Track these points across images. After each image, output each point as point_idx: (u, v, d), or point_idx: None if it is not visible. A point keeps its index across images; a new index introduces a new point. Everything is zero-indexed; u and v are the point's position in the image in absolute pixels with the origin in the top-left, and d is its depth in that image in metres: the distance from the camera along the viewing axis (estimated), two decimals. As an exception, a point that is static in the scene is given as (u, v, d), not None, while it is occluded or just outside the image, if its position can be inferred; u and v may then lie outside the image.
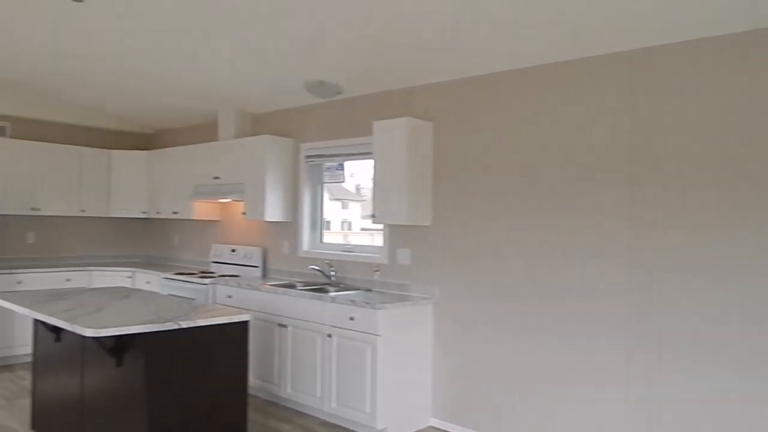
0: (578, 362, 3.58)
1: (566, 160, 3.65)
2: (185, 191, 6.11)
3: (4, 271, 5.82)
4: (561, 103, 3.69)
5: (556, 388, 3.67)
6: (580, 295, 3.57)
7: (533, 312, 3.78)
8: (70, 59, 4.94)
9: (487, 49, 3.70)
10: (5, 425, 4.29)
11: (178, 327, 3.23)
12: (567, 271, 3.64)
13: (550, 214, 3.72)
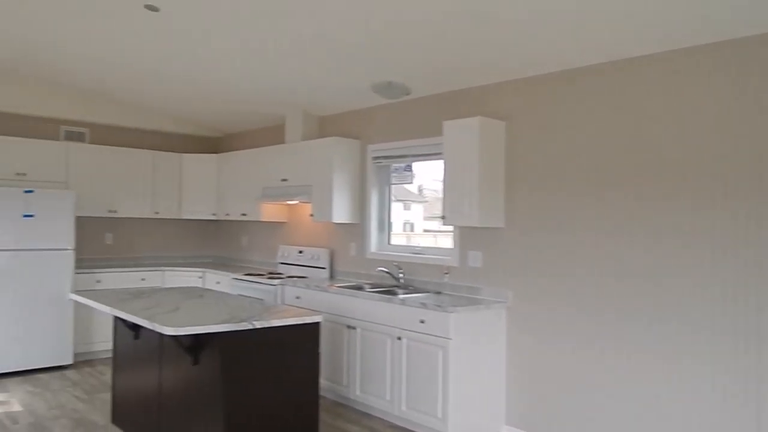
0: (665, 377, 3.40)
1: (652, 159, 3.48)
2: (253, 193, 6.22)
3: (84, 270, 6.08)
4: (646, 98, 3.52)
5: (639, 401, 3.50)
6: (668, 303, 3.40)
7: (613, 320, 3.63)
8: (144, 67, 5.11)
9: (567, 43, 3.57)
10: (87, 418, 4.46)
11: (253, 327, 3.28)
12: (653, 279, 3.47)
13: (634, 218, 3.56)
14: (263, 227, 6.68)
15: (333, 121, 5.77)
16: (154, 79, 5.45)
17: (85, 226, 6.46)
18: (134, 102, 6.48)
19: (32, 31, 4.51)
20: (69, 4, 3.89)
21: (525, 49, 3.70)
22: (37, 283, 5.63)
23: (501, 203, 4.22)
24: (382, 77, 4.58)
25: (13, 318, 5.50)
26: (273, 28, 3.93)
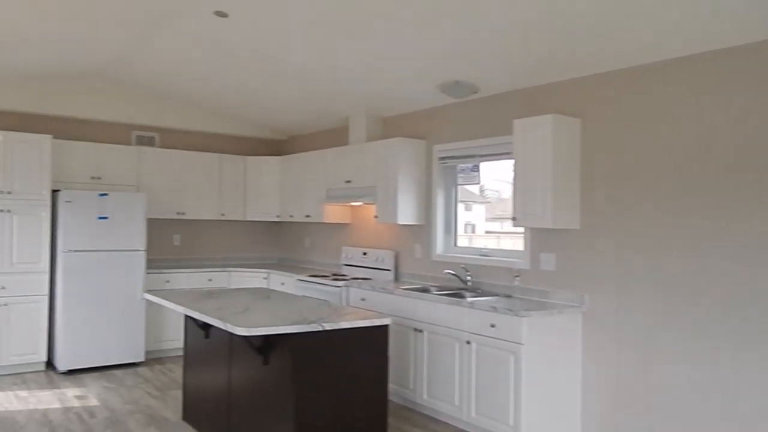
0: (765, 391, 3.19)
1: (744, 156, 3.27)
2: (317, 195, 6.25)
3: (154, 270, 6.25)
4: (737, 92, 3.31)
5: (744, 415, 3.30)
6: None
7: (699, 327, 3.43)
8: (212, 72, 5.21)
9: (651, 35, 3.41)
10: (160, 414, 4.57)
11: (322, 329, 3.28)
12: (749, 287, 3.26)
13: (727, 218, 3.36)
14: (326, 228, 6.71)
15: (397, 122, 5.73)
16: (221, 83, 5.55)
17: (154, 228, 6.65)
18: (201, 106, 6.63)
19: (107, 43, 4.67)
20: (141, 15, 3.99)
21: (604, 42, 3.55)
22: (111, 282, 5.83)
23: (576, 203, 4.07)
24: (449, 76, 4.51)
25: (90, 316, 5.71)
26: (338, 30, 3.93)
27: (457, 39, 3.80)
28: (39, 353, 5.66)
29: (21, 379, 5.41)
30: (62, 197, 5.63)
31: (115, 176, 6.24)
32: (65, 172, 5.98)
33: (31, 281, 5.62)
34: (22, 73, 5.62)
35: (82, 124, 6.32)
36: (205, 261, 7.07)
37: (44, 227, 5.68)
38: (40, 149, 5.68)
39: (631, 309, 3.78)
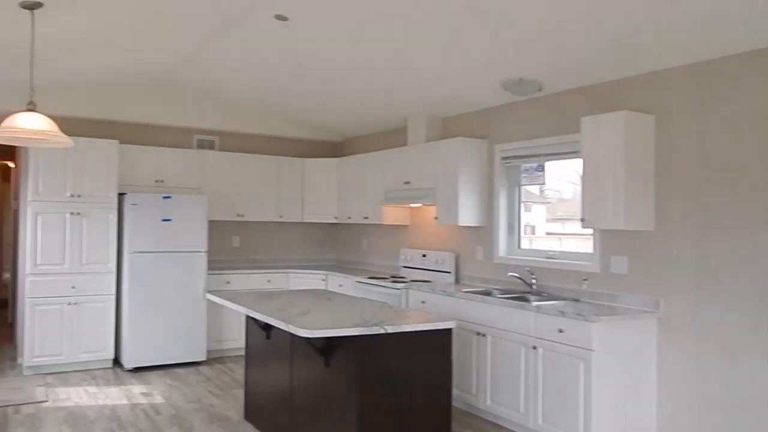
0: None
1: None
2: (375, 196, 6.22)
3: (215, 272, 6.36)
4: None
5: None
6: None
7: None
8: (271, 75, 5.25)
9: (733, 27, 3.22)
10: (222, 413, 4.63)
11: (385, 332, 3.23)
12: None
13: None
14: (385, 230, 6.67)
15: (457, 122, 5.63)
16: (280, 86, 5.60)
17: (215, 229, 6.76)
18: (260, 109, 6.71)
19: (170, 50, 4.77)
20: (202, 22, 4.05)
21: (682, 33, 3.38)
22: (174, 283, 5.95)
23: (650, 204, 3.88)
24: (512, 74, 4.40)
25: (154, 315, 5.85)
26: (397, 31, 3.88)
27: (521, 36, 3.70)
28: (107, 351, 5.84)
29: (90, 376, 5.59)
30: (128, 200, 5.79)
31: (178, 179, 6.39)
32: (130, 176, 6.15)
33: (99, 281, 5.81)
34: (90, 81, 5.81)
35: (145, 129, 6.50)
36: (264, 262, 7.15)
37: (111, 229, 5.86)
38: (108, 154, 5.86)
39: (712, 316, 3.57)
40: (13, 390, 5.09)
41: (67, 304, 5.67)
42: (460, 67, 4.41)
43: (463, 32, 3.77)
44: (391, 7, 3.54)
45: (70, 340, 5.68)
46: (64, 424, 4.33)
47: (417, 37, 3.95)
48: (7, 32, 3.91)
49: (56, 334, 5.63)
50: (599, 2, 3.13)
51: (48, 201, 5.64)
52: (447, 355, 3.46)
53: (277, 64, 4.92)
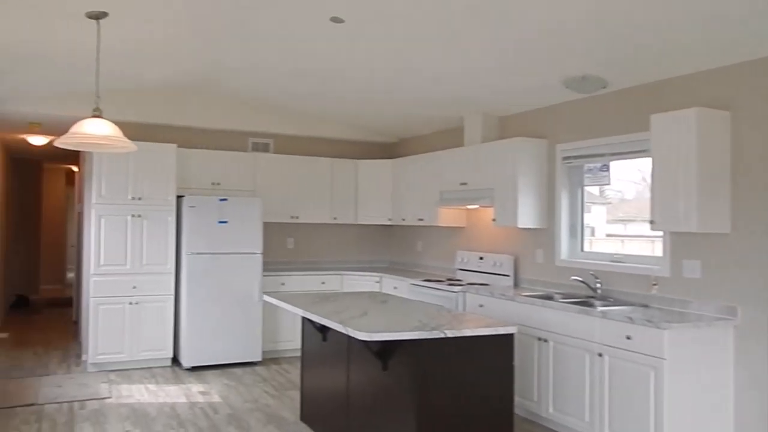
0: None
1: None
2: (430, 198, 6.13)
3: (270, 273, 6.41)
4: None
5: None
6: None
7: None
8: (325, 77, 5.25)
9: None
10: (278, 414, 4.64)
11: (444, 336, 3.16)
12: None
13: None
14: (440, 232, 6.57)
15: (515, 121, 5.50)
16: (334, 88, 5.59)
17: (269, 231, 6.82)
18: (313, 112, 6.73)
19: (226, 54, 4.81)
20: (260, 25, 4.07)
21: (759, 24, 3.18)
22: (231, 284, 6.03)
23: (726, 205, 3.67)
24: (574, 71, 4.25)
25: (211, 316, 5.93)
26: (454, 29, 3.79)
27: (583, 31, 3.56)
28: (166, 350, 5.96)
29: (150, 374, 5.72)
30: (186, 203, 5.90)
31: (233, 182, 6.48)
32: (188, 179, 6.27)
33: (158, 282, 5.93)
34: (148, 87, 5.95)
35: (202, 133, 6.61)
36: (318, 264, 7.17)
37: (170, 231, 5.99)
38: (166, 158, 6.00)
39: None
40: (79, 386, 5.24)
41: (128, 304, 5.82)
42: (518, 65, 4.29)
43: (524, 30, 3.66)
44: (448, 6, 3.46)
45: (131, 338, 5.82)
46: (127, 421, 4.43)
47: (475, 36, 3.86)
48: (74, 41, 4.02)
49: (118, 332, 5.78)
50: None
51: (110, 204, 5.80)
52: (509, 361, 3.36)
53: (331, 66, 4.91)
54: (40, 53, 4.32)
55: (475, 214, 5.99)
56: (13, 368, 5.88)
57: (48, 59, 4.50)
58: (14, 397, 4.90)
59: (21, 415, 4.52)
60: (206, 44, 4.51)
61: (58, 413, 4.57)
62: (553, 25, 3.54)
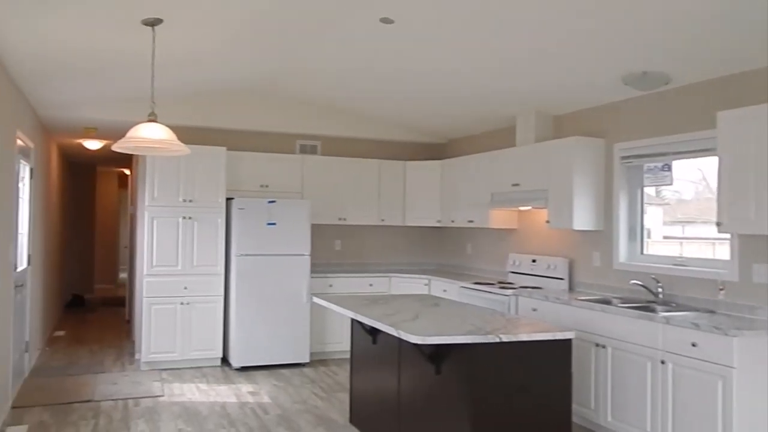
0: None
1: None
2: (481, 199, 6.03)
3: (318, 275, 6.41)
4: None
5: None
6: None
7: None
8: (374, 78, 5.22)
9: None
10: (327, 416, 4.63)
11: (499, 340, 3.08)
12: None
13: None
14: (490, 234, 6.45)
15: (570, 120, 5.35)
16: (383, 89, 5.56)
17: (317, 233, 6.83)
18: (361, 113, 6.71)
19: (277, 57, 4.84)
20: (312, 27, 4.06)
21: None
22: (279, 285, 6.06)
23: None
24: (634, 67, 4.10)
25: (260, 317, 5.97)
26: (504, 26, 3.69)
27: (644, 24, 3.42)
28: (216, 350, 6.03)
29: (201, 373, 5.79)
30: (235, 205, 5.96)
31: (281, 184, 6.51)
32: (237, 181, 6.34)
33: (208, 282, 6.01)
34: (199, 91, 6.03)
35: (251, 135, 6.68)
36: (366, 266, 7.14)
37: (220, 233, 6.06)
38: (217, 160, 6.07)
39: None
40: (133, 384, 5.35)
41: (179, 304, 5.91)
42: (573, 61, 4.16)
43: (580, 23, 3.53)
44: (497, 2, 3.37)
45: (182, 338, 5.91)
46: (179, 419, 4.49)
47: (528, 32, 3.76)
48: (129, 48, 4.10)
49: (170, 332, 5.88)
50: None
51: (163, 206, 5.91)
52: (566, 368, 3.26)
53: (378, 67, 4.88)
54: (97, 60, 4.42)
55: (528, 216, 5.85)
56: (71, 365, 6.04)
57: (104, 66, 4.61)
58: (72, 394, 5.03)
59: (79, 410, 4.63)
60: (258, 48, 4.54)
61: (114, 410, 4.67)
62: (611, 18, 3.41)
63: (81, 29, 3.74)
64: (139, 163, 6.65)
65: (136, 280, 6.78)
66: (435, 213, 6.86)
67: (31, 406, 4.71)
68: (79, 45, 4.02)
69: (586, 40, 3.77)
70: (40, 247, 6.43)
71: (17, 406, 4.70)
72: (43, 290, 6.90)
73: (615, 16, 3.36)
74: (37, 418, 4.45)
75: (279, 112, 6.55)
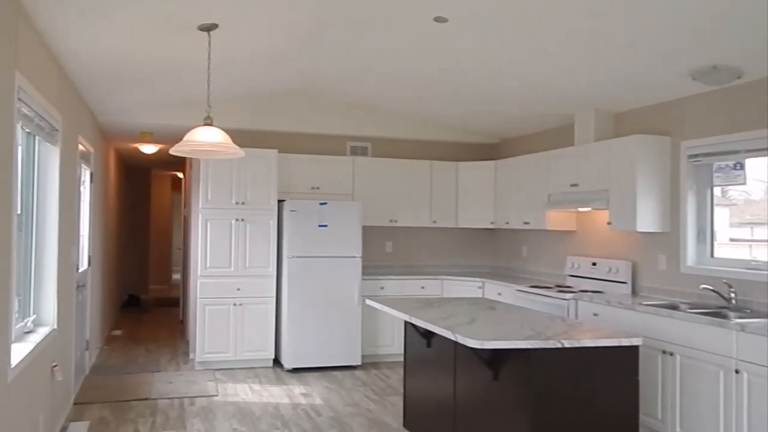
0: None
1: None
2: (537, 200, 5.87)
3: (369, 277, 6.37)
4: None
5: None
6: None
7: None
8: (426, 78, 5.14)
9: None
10: (380, 419, 4.57)
11: (561, 346, 2.95)
12: None
13: None
14: (547, 236, 6.27)
15: (632, 117, 5.15)
16: (435, 89, 5.48)
17: (368, 235, 6.80)
18: (412, 114, 6.65)
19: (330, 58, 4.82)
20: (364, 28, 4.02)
21: None
22: (330, 287, 6.04)
23: None
24: (703, 61, 3.89)
25: (311, 318, 5.97)
26: (561, 19, 3.55)
27: (713, 15, 3.23)
28: (268, 351, 6.06)
29: (253, 374, 5.82)
30: (287, 207, 5.98)
31: (332, 185, 6.51)
32: (288, 183, 6.37)
33: (260, 284, 6.05)
34: (251, 94, 6.08)
35: (301, 137, 6.70)
36: (417, 268, 7.06)
37: (272, 235, 6.10)
38: (268, 163, 6.12)
39: None
40: (188, 383, 5.42)
41: (232, 305, 5.97)
42: (636, 56, 3.98)
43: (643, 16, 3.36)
44: None
45: (235, 339, 5.96)
46: (234, 419, 4.51)
47: (585, 25, 3.60)
48: (185, 53, 4.15)
49: (223, 332, 5.94)
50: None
51: (216, 208, 5.98)
52: (633, 376, 3.10)
53: (430, 67, 4.80)
54: (154, 67, 4.50)
55: (587, 217, 5.66)
56: (128, 364, 6.18)
57: (160, 72, 4.69)
58: (130, 392, 5.13)
59: (137, 408, 4.72)
60: (310, 48, 4.52)
61: (170, 408, 4.73)
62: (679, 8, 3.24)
63: (139, 37, 3.80)
64: (193, 167, 6.76)
65: (190, 281, 6.88)
66: (488, 214, 6.72)
67: (92, 403, 4.82)
68: (137, 52, 4.09)
69: (651, 33, 3.59)
70: (99, 248, 6.60)
71: (79, 403, 4.82)
72: (102, 290, 7.09)
73: (683, 6, 3.19)
74: (97, 415, 4.55)
75: (329, 114, 6.55)
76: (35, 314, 3.80)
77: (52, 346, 3.88)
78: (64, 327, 4.36)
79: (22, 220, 3.47)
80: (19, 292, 3.45)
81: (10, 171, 2.86)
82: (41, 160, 3.89)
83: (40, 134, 3.64)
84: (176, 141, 3.92)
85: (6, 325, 2.84)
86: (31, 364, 3.27)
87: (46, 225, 3.89)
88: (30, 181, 3.74)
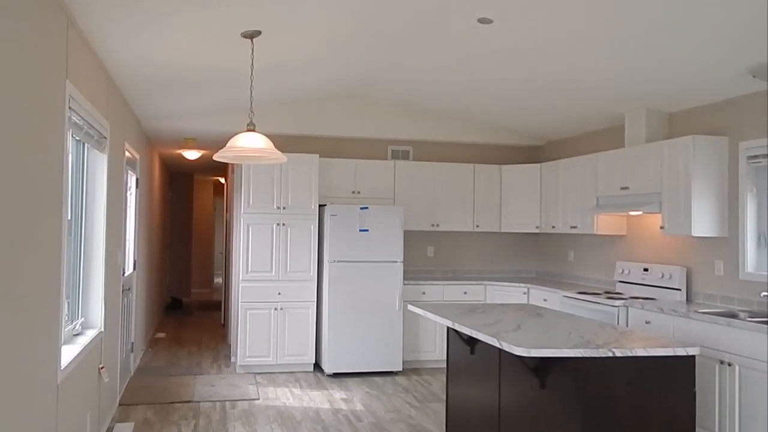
0: None
1: None
2: (585, 204, 5.70)
3: (411, 282, 6.30)
4: None
5: None
6: None
7: None
8: (469, 80, 5.05)
9: None
10: (422, 426, 4.50)
11: (612, 355, 2.82)
12: None
13: None
14: (595, 241, 6.09)
15: (686, 117, 4.95)
16: (475, 92, 5.39)
17: (409, 239, 6.73)
18: (453, 116, 6.56)
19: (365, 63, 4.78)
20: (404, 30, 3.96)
21: None
22: (371, 292, 5.99)
23: None
24: (763, 57, 3.69)
25: (352, 323, 5.93)
26: (609, 14, 3.42)
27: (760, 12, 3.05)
28: (308, 355, 6.04)
29: (294, 378, 5.81)
30: (328, 211, 5.96)
31: (373, 190, 6.47)
32: (329, 188, 6.35)
33: (301, 288, 6.04)
34: (292, 99, 6.10)
35: (342, 142, 6.69)
36: (460, 273, 6.96)
37: (313, 239, 6.09)
38: (309, 168, 6.11)
39: None
40: (230, 386, 5.44)
41: (273, 309, 5.98)
42: (691, 52, 3.81)
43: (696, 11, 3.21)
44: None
45: (276, 343, 5.97)
46: (275, 423, 4.50)
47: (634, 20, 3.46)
48: (228, 60, 4.18)
49: (264, 337, 5.95)
50: None
51: (258, 213, 6.00)
52: (689, 387, 2.95)
53: (474, 69, 4.72)
54: (197, 74, 4.55)
55: (638, 221, 5.46)
56: (172, 366, 6.25)
57: (204, 79, 4.74)
58: (173, 394, 5.18)
59: (180, 410, 4.75)
60: (352, 52, 4.50)
61: (212, 411, 4.75)
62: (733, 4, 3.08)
63: (183, 46, 3.84)
64: (235, 172, 6.82)
65: (232, 285, 6.93)
66: (533, 218, 6.57)
67: (136, 404, 4.89)
68: (182, 60, 4.14)
69: (707, 28, 3.43)
70: (144, 252, 6.72)
71: (124, 404, 4.89)
72: (147, 294, 7.21)
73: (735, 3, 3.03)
74: (141, 416, 4.60)
75: (370, 118, 6.52)
76: (83, 317, 3.86)
77: (99, 348, 3.94)
78: (111, 329, 4.42)
79: (71, 225, 3.54)
80: (68, 295, 3.51)
81: (61, 179, 2.90)
82: (90, 167, 3.97)
83: (89, 142, 3.70)
84: (219, 146, 3.94)
85: (56, 328, 2.88)
86: (79, 366, 3.31)
87: (94, 230, 3.96)
88: (79, 187, 3.82)
